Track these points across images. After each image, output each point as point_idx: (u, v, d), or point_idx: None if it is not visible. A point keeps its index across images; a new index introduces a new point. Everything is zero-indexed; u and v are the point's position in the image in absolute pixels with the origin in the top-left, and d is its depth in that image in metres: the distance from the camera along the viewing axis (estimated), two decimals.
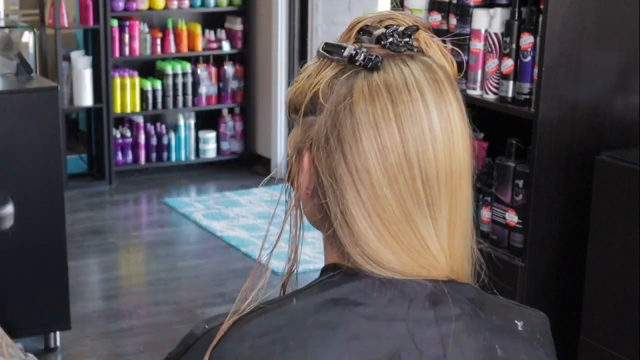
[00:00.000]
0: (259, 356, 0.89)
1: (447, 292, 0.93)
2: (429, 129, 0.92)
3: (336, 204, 0.93)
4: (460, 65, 1.01)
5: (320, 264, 4.14)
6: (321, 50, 0.96)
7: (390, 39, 0.94)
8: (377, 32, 0.95)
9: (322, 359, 0.89)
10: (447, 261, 0.94)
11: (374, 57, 0.92)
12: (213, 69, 6.11)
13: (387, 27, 0.96)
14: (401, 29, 0.95)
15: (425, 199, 0.92)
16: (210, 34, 6.08)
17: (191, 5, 5.99)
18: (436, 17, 2.77)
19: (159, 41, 5.93)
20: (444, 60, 0.97)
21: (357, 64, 0.93)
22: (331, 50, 0.95)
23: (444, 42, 1.00)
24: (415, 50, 0.95)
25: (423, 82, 0.93)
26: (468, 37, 2.68)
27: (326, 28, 5.92)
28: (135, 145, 5.95)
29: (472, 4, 2.68)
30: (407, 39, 0.95)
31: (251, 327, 0.92)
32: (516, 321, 0.99)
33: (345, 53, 0.93)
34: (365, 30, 0.97)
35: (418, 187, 0.92)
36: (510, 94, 2.61)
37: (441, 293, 0.93)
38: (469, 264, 0.98)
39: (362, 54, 0.92)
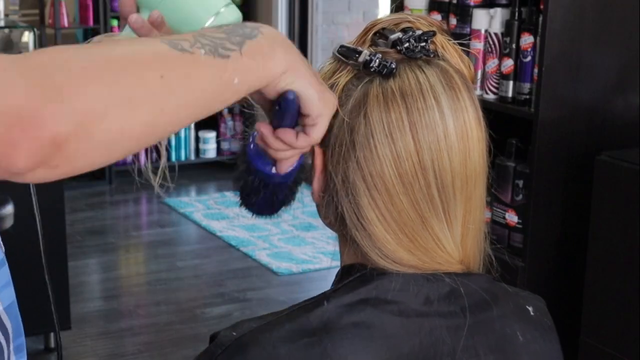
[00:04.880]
0: None
1: (467, 284, 0.94)
2: (445, 137, 0.91)
3: (351, 208, 0.93)
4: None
5: (319, 264, 4.13)
6: (336, 53, 0.95)
7: (407, 44, 0.93)
8: (393, 37, 0.94)
9: (360, 358, 0.89)
10: (460, 257, 0.95)
11: (389, 63, 0.91)
12: None
13: (403, 31, 0.95)
14: (418, 33, 0.94)
15: (441, 205, 0.92)
16: None
17: None
18: (436, 17, 2.77)
19: None
20: (460, 64, 0.97)
21: (372, 70, 0.92)
22: (346, 53, 0.94)
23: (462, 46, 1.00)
24: (432, 54, 0.94)
25: (439, 89, 0.92)
26: (468, 37, 2.68)
27: (326, 28, 5.92)
28: None
29: (472, 4, 2.68)
30: (423, 44, 0.94)
31: (284, 331, 0.90)
32: (527, 306, 1.01)
33: (360, 58, 0.93)
34: (381, 34, 0.96)
35: (433, 194, 0.92)
36: (510, 94, 2.61)
37: (461, 286, 0.94)
38: (480, 260, 0.99)
39: (377, 60, 0.92)
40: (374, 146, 0.91)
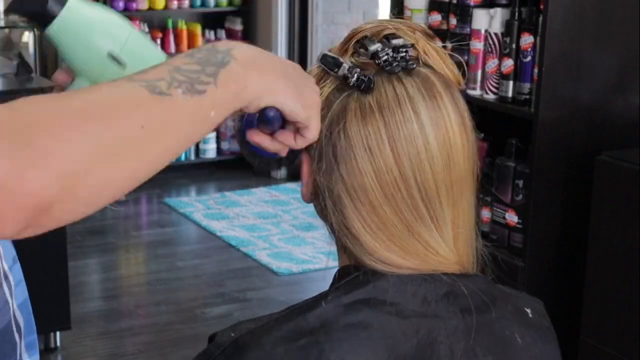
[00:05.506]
0: None
1: (466, 285, 0.94)
2: (425, 148, 0.91)
3: (338, 218, 0.94)
4: (459, 65, 1.00)
5: (319, 264, 4.13)
6: (320, 63, 0.96)
7: (385, 57, 0.93)
8: (372, 49, 0.93)
9: (357, 358, 0.89)
10: (455, 258, 0.95)
11: (367, 79, 0.91)
12: None
13: (386, 37, 0.94)
14: (397, 43, 0.93)
15: (427, 212, 0.93)
16: (210, 34, 6.08)
17: (191, 5, 5.99)
18: (436, 17, 2.77)
19: (159, 41, 5.93)
20: (445, 69, 0.96)
21: (350, 84, 0.92)
22: (328, 65, 0.94)
23: (445, 44, 1.00)
24: (412, 66, 0.93)
25: (417, 99, 0.92)
26: (468, 37, 2.68)
27: (326, 28, 5.92)
28: None
29: (472, 4, 2.68)
30: (402, 55, 0.93)
31: (282, 332, 0.90)
32: (525, 308, 1.00)
33: (340, 72, 0.93)
34: (362, 43, 0.95)
35: (417, 203, 0.92)
36: (510, 94, 2.61)
37: (459, 287, 0.94)
38: (474, 262, 0.99)
39: (355, 75, 0.92)
40: (354, 160, 0.91)
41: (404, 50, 0.93)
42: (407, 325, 0.91)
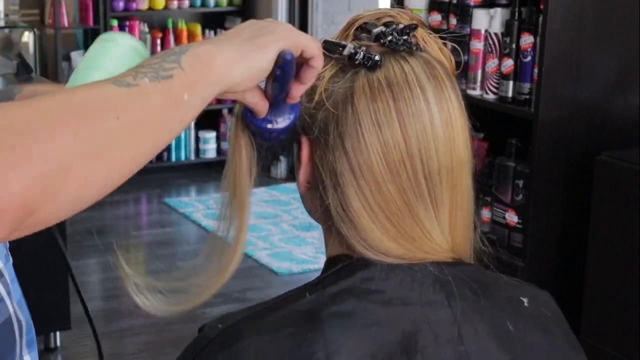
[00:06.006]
0: (279, 350, 0.89)
1: (454, 273, 0.94)
2: (431, 125, 0.93)
3: (337, 199, 0.94)
4: (457, 63, 1.02)
5: (319, 264, 4.13)
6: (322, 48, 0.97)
7: (390, 37, 0.95)
8: (376, 30, 0.96)
9: (341, 347, 0.89)
10: (449, 247, 0.96)
11: (373, 55, 0.93)
12: None
13: (385, 25, 0.96)
14: (400, 26, 0.96)
15: (428, 192, 0.93)
16: (211, 34, 6.08)
17: (191, 5, 5.99)
18: (436, 17, 2.77)
19: (159, 41, 5.93)
20: (441, 57, 0.98)
21: (357, 62, 0.93)
22: (331, 47, 0.95)
23: (444, 40, 1.01)
24: (414, 47, 0.96)
25: (423, 78, 0.93)
26: (468, 37, 2.68)
27: (326, 28, 5.92)
28: None
29: (472, 4, 2.68)
30: (405, 37, 0.95)
31: (268, 322, 0.91)
32: (522, 297, 1.00)
33: (345, 52, 0.94)
34: (363, 28, 0.97)
35: (420, 182, 0.93)
36: (510, 94, 2.61)
37: (448, 275, 0.94)
38: (471, 252, 1.00)
39: (362, 53, 0.93)
40: (361, 135, 0.92)
41: (407, 31, 0.95)
42: (392, 313, 0.91)
